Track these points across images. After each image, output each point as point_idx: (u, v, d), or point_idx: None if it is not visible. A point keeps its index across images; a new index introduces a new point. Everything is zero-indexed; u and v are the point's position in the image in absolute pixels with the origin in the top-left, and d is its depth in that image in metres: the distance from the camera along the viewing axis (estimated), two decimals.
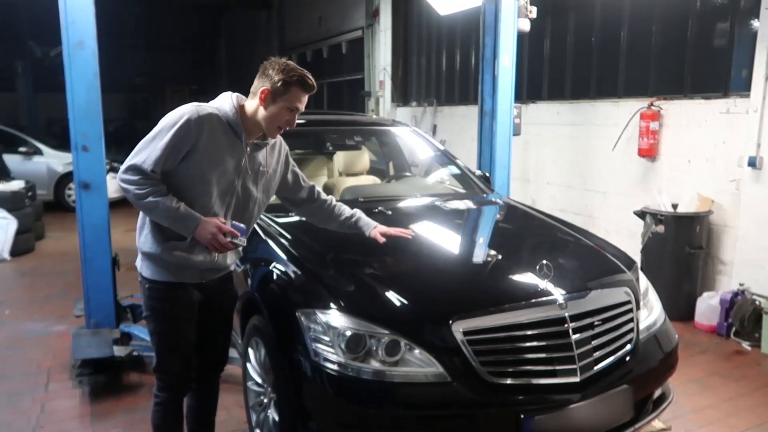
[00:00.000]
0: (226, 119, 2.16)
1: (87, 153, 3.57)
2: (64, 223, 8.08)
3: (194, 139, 2.08)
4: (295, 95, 2.14)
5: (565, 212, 6.18)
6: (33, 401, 3.34)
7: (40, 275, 5.96)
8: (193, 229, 2.09)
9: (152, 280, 2.25)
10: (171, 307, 2.28)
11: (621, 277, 2.67)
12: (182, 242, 2.16)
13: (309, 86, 2.16)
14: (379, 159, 5.00)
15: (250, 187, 2.28)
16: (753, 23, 4.52)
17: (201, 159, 2.10)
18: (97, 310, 3.76)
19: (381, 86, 9.78)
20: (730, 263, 4.70)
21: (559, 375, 2.22)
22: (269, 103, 2.15)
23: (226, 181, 2.18)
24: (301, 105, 2.18)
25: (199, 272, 2.28)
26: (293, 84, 2.13)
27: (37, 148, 9.53)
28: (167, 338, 2.31)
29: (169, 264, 2.21)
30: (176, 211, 2.07)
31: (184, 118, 2.06)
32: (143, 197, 2.05)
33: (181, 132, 2.05)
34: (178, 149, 2.07)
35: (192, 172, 2.12)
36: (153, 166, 2.04)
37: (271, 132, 2.21)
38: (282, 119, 2.17)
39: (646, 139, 5.18)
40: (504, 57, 4.96)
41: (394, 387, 2.14)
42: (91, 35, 3.52)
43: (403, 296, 2.31)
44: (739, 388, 3.57)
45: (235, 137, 2.18)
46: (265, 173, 2.32)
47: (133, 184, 2.06)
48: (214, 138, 2.12)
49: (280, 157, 2.42)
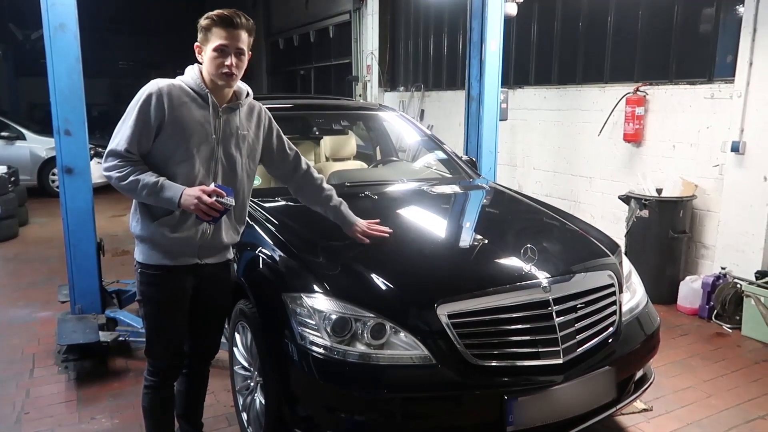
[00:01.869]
0: (190, 87, 2.16)
1: (70, 137, 3.53)
2: (48, 208, 8.00)
3: (161, 112, 2.08)
4: (216, 35, 2.09)
5: (551, 197, 6.22)
6: (18, 387, 3.33)
7: (23, 261, 5.90)
8: (178, 198, 2.06)
9: (144, 263, 2.25)
10: (162, 291, 2.26)
11: (604, 260, 2.70)
12: (171, 218, 2.15)
13: (228, 21, 2.09)
14: (366, 144, 4.99)
15: (233, 152, 2.24)
16: (738, 9, 4.55)
17: (173, 131, 2.11)
18: (83, 295, 3.74)
19: (368, 71, 9.73)
20: (712, 247, 4.76)
21: (542, 357, 2.25)
22: (203, 55, 2.15)
23: (206, 149, 2.17)
24: (231, 42, 2.10)
25: (194, 250, 2.24)
26: (212, 25, 2.10)
27: (20, 133, 9.40)
28: (157, 323, 2.31)
29: (161, 246, 2.20)
30: (157, 185, 2.07)
31: (146, 93, 2.09)
32: (124, 179, 2.07)
33: (145, 107, 2.08)
34: (147, 125, 2.08)
35: (169, 146, 2.12)
36: (127, 145, 2.06)
37: (222, 80, 2.13)
38: (218, 62, 2.10)
39: (631, 125, 5.21)
40: (491, 42, 4.95)
41: (380, 370, 2.16)
42: (73, 18, 3.46)
43: (389, 280, 2.32)
44: (720, 370, 3.64)
45: (204, 102, 2.17)
46: (246, 137, 2.29)
47: (113, 169, 2.08)
48: (182, 108, 2.12)
49: (261, 122, 2.38)
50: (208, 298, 2.38)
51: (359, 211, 3.19)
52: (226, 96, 2.22)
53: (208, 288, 2.35)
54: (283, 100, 4.31)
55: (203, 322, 2.42)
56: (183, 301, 2.30)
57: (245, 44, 2.15)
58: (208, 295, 2.37)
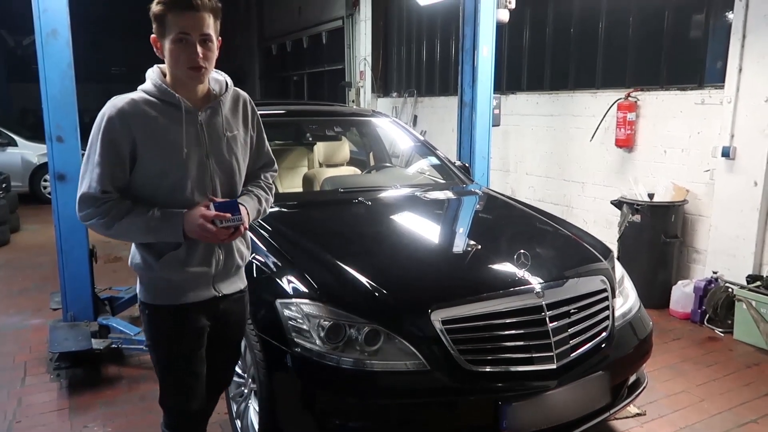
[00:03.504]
0: (154, 95, 1.81)
1: (62, 144, 3.52)
2: (39, 215, 7.95)
3: (128, 137, 1.75)
4: (174, 22, 1.72)
5: (544, 202, 6.25)
6: (9, 396, 3.30)
7: (15, 268, 5.86)
8: (182, 227, 1.77)
9: (151, 304, 1.92)
10: (174, 335, 1.93)
11: (597, 265, 2.71)
12: (180, 251, 1.85)
13: (184, 2, 1.70)
14: (360, 150, 5.00)
15: (227, 158, 1.91)
16: (727, 16, 4.59)
17: (151, 154, 1.78)
18: (75, 302, 3.72)
19: (361, 77, 9.75)
20: (704, 252, 4.79)
21: (536, 362, 2.25)
22: (163, 48, 1.77)
23: (194, 164, 1.83)
24: (193, 28, 1.72)
25: (209, 282, 1.96)
26: (166, 12, 1.72)
27: (11, 139, 9.34)
28: (171, 371, 1.99)
29: (172, 284, 1.89)
30: (153, 218, 1.76)
31: (105, 119, 1.75)
32: (111, 225, 1.76)
33: (108, 134, 1.74)
34: (117, 154, 1.75)
35: (151, 172, 1.80)
36: (101, 185, 1.74)
37: (189, 77, 1.78)
38: (183, 56, 1.74)
39: (623, 130, 5.25)
40: (483, 48, 4.98)
41: (374, 376, 2.16)
42: (65, 24, 3.45)
43: (383, 286, 2.32)
44: (712, 374, 3.66)
45: (175, 109, 1.81)
46: (236, 137, 1.94)
47: (93, 217, 1.76)
48: (152, 123, 1.78)
49: (247, 114, 2.01)
50: (223, 334, 2.09)
51: (353, 217, 3.22)
52: (201, 93, 1.87)
53: (224, 324, 2.07)
54: (276, 106, 4.30)
55: (218, 358, 2.13)
56: (200, 341, 1.99)
57: (212, 29, 1.76)
58: (222, 331, 2.08)
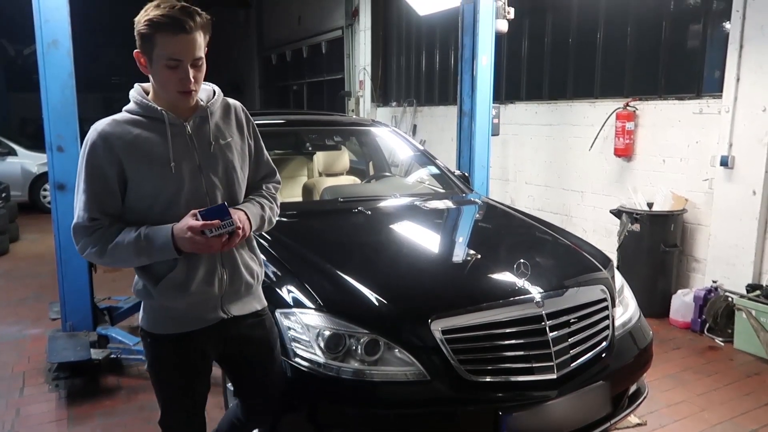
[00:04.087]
0: (136, 113, 1.75)
1: (62, 153, 3.53)
2: (39, 224, 7.95)
3: (113, 158, 1.69)
4: (164, 45, 1.61)
5: (543, 211, 6.25)
6: (7, 406, 3.29)
7: (14, 278, 5.85)
8: (172, 242, 1.67)
9: (151, 333, 1.85)
10: (174, 365, 1.86)
11: (597, 275, 2.71)
12: (176, 275, 1.77)
13: (177, 25, 1.58)
14: (359, 159, 5.01)
15: (221, 167, 1.82)
16: (725, 26, 4.62)
17: (141, 175, 1.72)
18: (74, 312, 3.71)
19: (361, 86, 9.79)
20: (703, 261, 4.79)
21: (536, 372, 2.24)
22: (148, 66, 1.68)
23: (189, 179, 1.76)
24: (185, 53, 1.62)
25: (216, 304, 1.86)
26: (154, 32, 1.60)
27: (11, 149, 9.36)
28: (169, 398, 1.94)
29: (174, 311, 1.81)
30: (140, 240, 1.68)
31: (88, 145, 1.71)
32: (103, 251, 1.69)
33: (92, 161, 1.70)
34: (103, 180, 1.70)
35: (143, 194, 1.74)
36: (89, 213, 1.69)
37: (180, 100, 1.72)
38: (173, 80, 1.66)
39: (622, 139, 5.26)
40: (482, 58, 5.00)
41: (374, 386, 2.15)
42: (66, 34, 3.47)
43: (383, 296, 2.32)
44: (713, 383, 3.65)
45: (160, 123, 1.74)
46: (231, 145, 1.85)
47: (87, 247, 1.71)
48: (137, 142, 1.71)
49: (241, 122, 1.93)
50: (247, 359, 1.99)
51: (353, 226, 3.22)
52: (185, 108, 1.78)
53: (245, 349, 1.97)
54: (276, 116, 4.32)
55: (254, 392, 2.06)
56: (206, 368, 1.93)
57: (202, 49, 1.67)
58: (244, 356, 1.98)
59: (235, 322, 1.92)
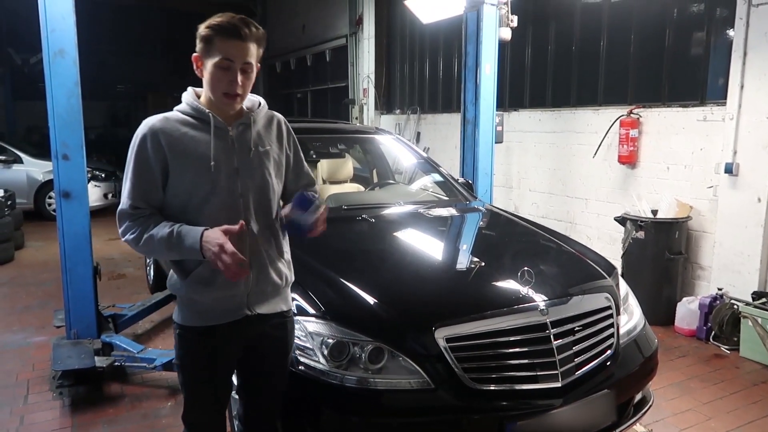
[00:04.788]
0: (186, 113, 1.88)
1: (67, 162, 3.54)
2: (44, 232, 7.97)
3: (160, 153, 1.80)
4: (220, 48, 1.76)
5: (547, 219, 6.24)
6: (12, 414, 3.29)
7: (19, 285, 5.87)
8: (200, 245, 1.72)
9: (182, 325, 1.95)
10: (199, 358, 1.94)
11: (601, 282, 2.70)
12: (203, 269, 1.84)
13: (233, 31, 1.76)
14: (363, 167, 5.02)
15: (258, 172, 1.91)
16: (728, 33, 4.62)
17: (181, 170, 1.82)
18: (78, 320, 3.72)
19: (365, 94, 9.81)
20: (708, 268, 4.77)
21: (540, 380, 2.24)
22: (203, 68, 1.83)
23: (225, 179, 1.85)
24: (237, 56, 1.77)
25: (241, 301, 1.92)
26: (213, 35, 1.77)
27: (17, 156, 9.40)
28: (193, 391, 2.00)
29: (200, 304, 1.89)
30: (172, 236, 1.76)
31: (138, 138, 1.82)
32: (139, 239, 1.80)
33: (141, 153, 1.81)
34: (149, 171, 1.81)
35: (181, 188, 1.83)
36: (133, 201, 1.80)
37: (223, 103, 1.84)
38: (222, 81, 1.79)
39: (625, 146, 5.26)
40: (486, 66, 5.01)
41: (378, 394, 2.15)
42: (72, 44, 3.49)
43: (386, 303, 2.32)
44: (719, 392, 3.62)
45: (206, 125, 1.86)
46: (269, 153, 1.95)
47: (127, 232, 1.82)
48: (183, 139, 1.83)
49: (283, 133, 2.04)
50: (263, 361, 2.05)
51: (356, 234, 3.23)
52: (234, 111, 1.90)
53: (263, 349, 2.03)
54: None
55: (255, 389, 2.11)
56: (230, 364, 2.02)
57: (254, 57, 1.82)
58: (261, 356, 2.04)
59: (260, 320, 1.97)
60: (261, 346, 2.02)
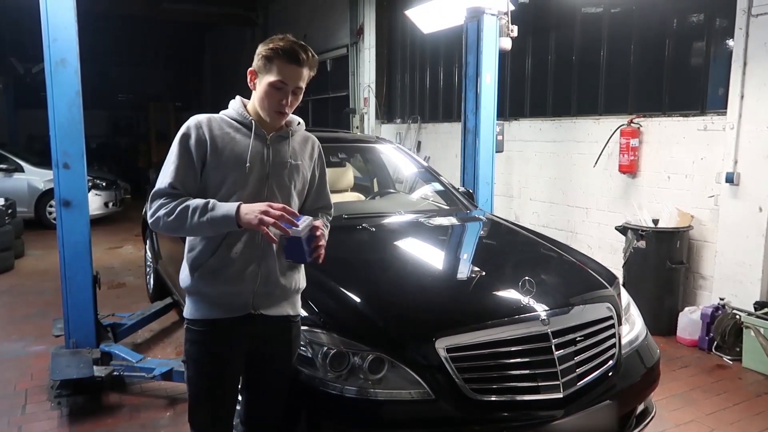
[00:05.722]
0: (232, 117, 2.01)
1: (68, 170, 3.55)
2: (44, 240, 7.97)
3: (203, 145, 1.93)
4: (278, 69, 1.90)
5: (548, 228, 6.23)
6: (10, 424, 3.27)
7: (18, 294, 5.85)
8: (236, 212, 1.81)
9: (190, 319, 2.01)
10: (210, 350, 2.00)
11: (603, 292, 2.69)
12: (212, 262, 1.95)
13: (293, 56, 1.90)
14: (364, 176, 5.02)
15: (287, 183, 2.03)
16: (728, 43, 4.63)
17: (218, 164, 1.94)
18: (77, 329, 3.70)
19: (365, 103, 9.84)
20: (710, 278, 4.76)
21: (542, 391, 2.22)
22: (257, 83, 1.97)
23: (255, 182, 1.97)
24: (291, 79, 1.92)
25: (247, 299, 1.98)
26: (274, 57, 1.90)
27: (18, 165, 9.42)
28: (202, 387, 2.04)
29: (209, 297, 1.97)
30: (208, 205, 1.84)
31: (186, 126, 1.96)
32: (171, 213, 1.85)
33: (185, 140, 1.93)
34: (190, 159, 1.92)
35: (214, 181, 1.95)
36: (172, 181, 1.89)
37: (273, 118, 1.97)
38: (273, 99, 1.93)
39: (626, 156, 5.26)
40: (486, 75, 5.02)
41: (378, 405, 2.13)
42: (74, 53, 3.51)
43: (387, 313, 2.31)
44: (721, 402, 3.60)
45: (247, 130, 1.99)
46: (299, 168, 2.07)
47: (159, 209, 1.87)
48: (225, 138, 1.96)
49: (314, 153, 2.17)
50: (264, 364, 2.09)
51: (356, 243, 3.22)
52: (275, 125, 2.03)
53: (265, 351, 2.07)
54: None
55: (257, 391, 2.14)
56: (234, 362, 2.04)
57: (305, 81, 1.98)
58: (263, 360, 2.08)
59: (264, 321, 2.03)
60: (265, 347, 2.06)
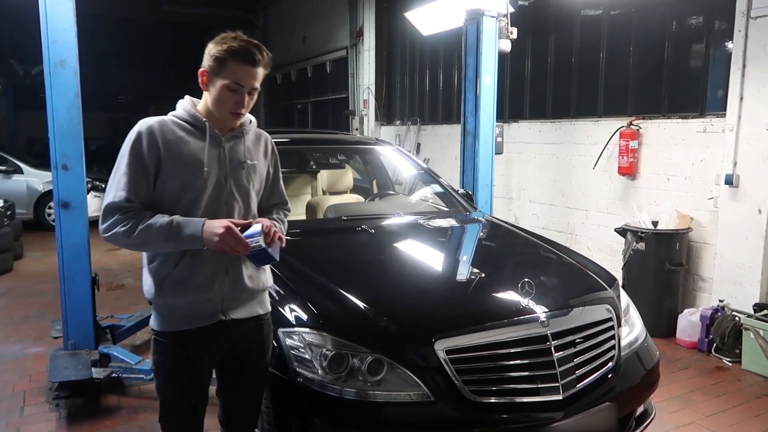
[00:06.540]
0: (183, 119, 1.93)
1: (67, 172, 3.54)
2: (43, 242, 7.97)
3: (155, 151, 1.84)
4: (233, 71, 1.84)
5: (548, 230, 6.23)
6: (8, 426, 3.26)
7: (17, 296, 5.85)
8: (201, 232, 1.79)
9: (158, 331, 1.96)
10: (179, 362, 1.96)
11: (602, 294, 2.69)
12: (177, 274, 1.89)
13: (248, 57, 1.83)
14: (363, 177, 5.02)
15: (245, 184, 2.00)
16: (727, 45, 4.64)
17: (173, 170, 1.87)
18: (76, 331, 3.70)
19: (365, 105, 9.84)
20: (709, 280, 4.75)
21: (541, 393, 2.22)
22: (210, 85, 1.89)
23: (213, 185, 1.91)
24: (247, 81, 1.86)
25: (216, 307, 1.96)
26: (228, 58, 1.83)
27: (17, 167, 9.43)
28: (172, 397, 2.02)
29: (176, 309, 1.92)
30: (172, 225, 1.80)
31: (135, 133, 1.87)
32: (131, 231, 1.79)
33: (136, 148, 1.84)
34: (143, 168, 1.84)
35: (171, 189, 1.88)
36: (126, 194, 1.81)
37: (228, 120, 1.93)
38: (229, 102, 1.87)
39: (625, 158, 5.26)
40: (486, 77, 5.03)
41: (377, 407, 2.12)
42: (73, 55, 3.51)
43: (386, 315, 2.30)
44: (721, 404, 3.59)
45: (201, 133, 1.92)
46: (256, 167, 2.04)
47: (116, 225, 1.80)
48: (178, 143, 1.88)
49: (267, 150, 2.13)
50: (240, 365, 2.09)
51: (356, 245, 3.22)
52: (228, 126, 1.98)
53: (240, 353, 2.07)
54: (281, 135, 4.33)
55: (233, 392, 2.14)
56: (206, 370, 2.04)
57: (260, 81, 1.92)
58: (239, 360, 2.07)
59: (235, 325, 2.02)
60: (238, 348, 2.06)
